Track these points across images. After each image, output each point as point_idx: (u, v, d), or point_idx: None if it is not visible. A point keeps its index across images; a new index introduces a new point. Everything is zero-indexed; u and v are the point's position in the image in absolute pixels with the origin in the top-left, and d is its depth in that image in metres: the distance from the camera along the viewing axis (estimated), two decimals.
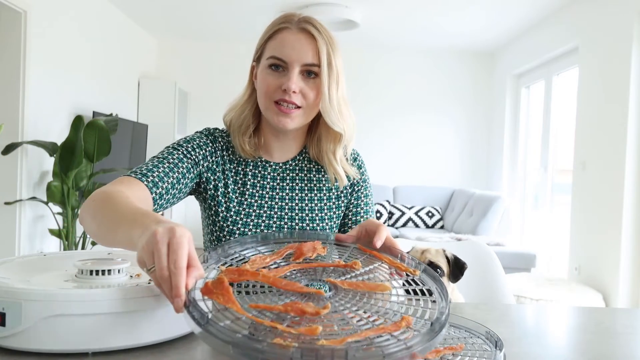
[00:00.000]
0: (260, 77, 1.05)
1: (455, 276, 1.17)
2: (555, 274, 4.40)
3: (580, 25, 4.00)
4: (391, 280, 0.73)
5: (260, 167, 1.13)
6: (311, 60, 1.02)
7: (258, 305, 0.60)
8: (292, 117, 1.03)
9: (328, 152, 1.11)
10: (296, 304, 0.58)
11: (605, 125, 3.59)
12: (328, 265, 0.74)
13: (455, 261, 1.18)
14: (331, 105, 1.04)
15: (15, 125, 3.36)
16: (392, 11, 4.55)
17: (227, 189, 1.11)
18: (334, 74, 1.04)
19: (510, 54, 5.42)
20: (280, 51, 1.02)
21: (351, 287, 0.62)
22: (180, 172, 1.03)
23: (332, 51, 1.03)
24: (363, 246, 0.83)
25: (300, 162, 1.16)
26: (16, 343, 0.63)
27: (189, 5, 4.61)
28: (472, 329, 0.74)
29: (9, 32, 3.34)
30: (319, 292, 0.63)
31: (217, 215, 1.10)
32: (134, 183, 0.95)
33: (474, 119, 6.02)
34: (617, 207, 3.39)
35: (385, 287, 0.60)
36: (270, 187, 1.12)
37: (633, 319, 0.97)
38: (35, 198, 3.40)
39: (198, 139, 1.10)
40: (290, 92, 1.00)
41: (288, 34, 1.03)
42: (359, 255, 0.81)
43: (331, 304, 0.61)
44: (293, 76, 1.01)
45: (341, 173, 1.12)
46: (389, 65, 5.94)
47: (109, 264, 0.75)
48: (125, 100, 5.05)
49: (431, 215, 5.43)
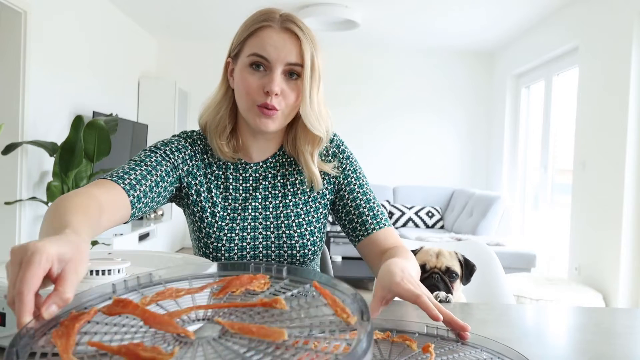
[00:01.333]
0: (240, 76, 1.01)
1: (467, 278, 1.16)
2: (555, 274, 4.40)
3: (580, 25, 4.00)
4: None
5: (240, 170, 1.10)
6: (295, 60, 0.98)
7: (95, 343, 0.49)
8: (273, 119, 1.00)
9: (305, 154, 1.08)
10: (137, 346, 0.47)
11: (605, 125, 3.59)
12: (246, 305, 0.59)
13: (466, 263, 1.17)
14: (312, 108, 1.01)
15: (15, 125, 3.36)
16: (392, 11, 4.55)
17: (210, 193, 1.08)
18: (316, 75, 1.00)
19: (510, 54, 5.42)
20: (263, 49, 0.98)
21: (241, 332, 0.51)
22: (159, 174, 0.99)
23: (315, 52, 1.00)
24: (317, 283, 0.62)
25: (281, 158, 1.13)
26: None
27: (189, 5, 4.61)
28: (501, 353, 0.68)
29: (9, 32, 3.34)
30: (186, 332, 0.51)
31: (202, 222, 1.07)
32: (110, 186, 0.91)
33: (474, 119, 6.02)
34: (617, 207, 3.39)
35: (281, 333, 0.49)
36: (253, 188, 1.10)
37: (633, 319, 0.97)
38: (35, 198, 3.40)
39: (176, 142, 1.07)
40: (272, 95, 0.97)
41: (271, 32, 0.98)
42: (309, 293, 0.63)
43: (199, 350, 0.49)
44: (276, 77, 0.97)
45: (318, 176, 1.09)
46: (389, 65, 5.94)
47: (109, 264, 0.75)
48: (125, 100, 5.05)
49: (431, 215, 5.43)
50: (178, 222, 5.56)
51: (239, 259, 1.07)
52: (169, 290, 0.61)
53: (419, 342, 0.70)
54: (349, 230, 1.13)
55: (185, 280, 0.65)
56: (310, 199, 1.12)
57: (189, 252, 0.86)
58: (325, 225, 1.17)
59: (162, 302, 0.59)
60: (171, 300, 0.60)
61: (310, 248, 1.10)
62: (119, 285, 0.61)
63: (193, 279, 0.66)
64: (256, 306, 0.59)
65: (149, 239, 4.57)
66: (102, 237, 3.80)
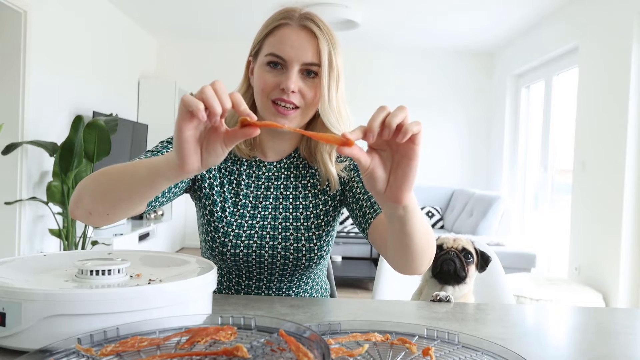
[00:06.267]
0: (258, 74, 1.01)
1: (482, 267, 1.23)
2: (555, 274, 4.40)
3: (580, 25, 4.00)
4: None
5: (254, 167, 1.11)
6: (311, 59, 0.98)
7: None
8: (289, 119, 0.99)
9: (323, 153, 1.08)
10: None
11: (605, 125, 3.59)
12: (208, 353, 0.60)
13: (481, 253, 1.24)
14: (330, 106, 1.00)
15: (15, 125, 3.36)
16: (392, 11, 4.55)
17: (222, 188, 1.09)
18: (335, 74, 1.00)
19: (510, 54, 5.42)
20: (280, 49, 0.98)
21: None
22: None
23: (334, 50, 0.99)
24: (283, 331, 0.64)
25: (295, 160, 1.13)
26: (16, 343, 0.63)
27: (189, 5, 4.61)
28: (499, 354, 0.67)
29: (9, 32, 3.34)
30: None
31: (212, 215, 1.08)
32: None
33: (474, 119, 6.02)
34: (617, 207, 3.39)
35: None
36: (265, 187, 1.10)
37: (633, 319, 0.97)
38: (35, 198, 3.40)
39: None
40: (289, 92, 0.97)
41: (288, 31, 0.98)
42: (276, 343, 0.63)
43: None
44: (292, 75, 0.97)
45: (335, 176, 1.08)
46: (389, 65, 5.95)
47: (109, 264, 0.75)
48: (125, 100, 5.05)
49: (431, 215, 5.43)
50: (178, 222, 5.56)
51: (244, 256, 1.07)
52: (132, 340, 0.61)
53: (419, 345, 0.70)
54: (359, 217, 1.06)
55: (153, 333, 0.65)
56: (321, 203, 1.11)
57: (189, 252, 0.86)
58: (334, 229, 1.15)
59: (124, 352, 0.59)
60: (133, 350, 0.60)
61: (316, 252, 1.08)
62: (84, 339, 0.61)
63: (161, 332, 0.65)
64: (219, 354, 0.59)
65: (149, 239, 4.58)
66: (102, 237, 3.80)
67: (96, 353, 0.58)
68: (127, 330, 0.63)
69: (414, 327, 0.74)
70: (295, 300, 0.99)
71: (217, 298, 0.97)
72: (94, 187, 0.82)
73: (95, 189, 0.82)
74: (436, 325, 0.85)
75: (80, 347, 0.58)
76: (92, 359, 0.57)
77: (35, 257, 0.85)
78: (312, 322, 0.74)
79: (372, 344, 0.70)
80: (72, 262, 0.78)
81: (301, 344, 0.59)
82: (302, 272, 1.11)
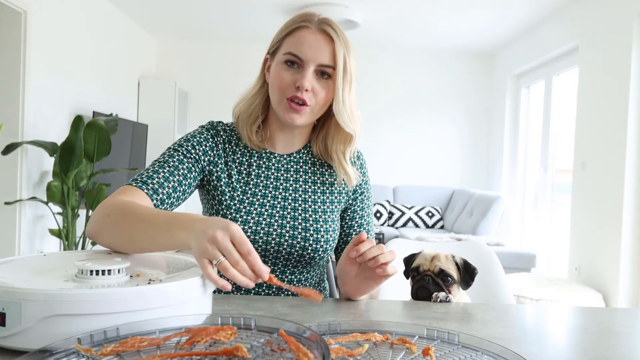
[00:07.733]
0: (275, 71, 1.08)
1: (467, 282, 1.10)
2: (555, 274, 4.39)
3: (580, 25, 4.00)
4: None
5: (264, 158, 1.16)
6: (327, 61, 1.05)
7: None
8: (300, 114, 1.07)
9: (338, 152, 1.14)
10: None
11: (605, 125, 3.59)
12: (208, 353, 0.61)
13: (465, 266, 1.11)
14: (344, 107, 1.07)
15: (15, 125, 3.36)
16: (392, 11, 4.55)
17: (230, 179, 1.13)
18: (348, 76, 1.07)
19: (510, 54, 5.42)
20: (298, 49, 1.05)
21: None
22: (182, 173, 1.06)
23: (348, 54, 1.07)
24: (283, 331, 0.65)
25: (305, 155, 1.18)
26: (16, 343, 0.63)
27: (189, 5, 4.61)
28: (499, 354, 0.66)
29: (9, 32, 3.34)
30: None
31: (220, 204, 1.12)
32: (135, 192, 0.99)
33: (474, 119, 6.02)
34: (617, 207, 3.39)
35: None
36: (274, 178, 1.15)
37: (633, 319, 0.97)
38: (35, 198, 3.40)
39: (199, 135, 1.13)
40: (303, 90, 1.04)
41: (307, 33, 1.06)
42: (275, 342, 0.64)
43: None
44: (308, 74, 1.04)
45: (351, 173, 1.15)
46: (389, 65, 5.95)
47: (109, 264, 0.75)
48: (125, 100, 5.05)
49: (431, 215, 5.43)
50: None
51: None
52: (132, 340, 0.61)
53: (419, 345, 0.70)
54: (342, 233, 1.22)
55: (153, 333, 0.65)
56: (328, 199, 1.17)
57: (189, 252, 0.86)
58: (339, 227, 1.20)
59: (124, 352, 0.59)
60: (133, 350, 0.60)
61: (322, 245, 1.12)
62: (84, 339, 0.61)
63: (161, 332, 0.66)
64: (219, 354, 0.60)
65: None
66: None
67: (96, 353, 0.58)
68: (127, 330, 0.63)
69: (414, 327, 0.75)
70: (295, 300, 0.99)
71: (217, 298, 0.97)
72: (115, 233, 0.90)
73: (117, 235, 0.90)
74: (436, 325, 0.85)
75: (80, 347, 0.59)
76: (92, 359, 0.57)
77: (35, 257, 0.85)
78: (312, 322, 0.74)
79: (372, 344, 0.70)
80: (72, 262, 0.78)
81: (301, 344, 0.60)
82: (304, 266, 1.14)
